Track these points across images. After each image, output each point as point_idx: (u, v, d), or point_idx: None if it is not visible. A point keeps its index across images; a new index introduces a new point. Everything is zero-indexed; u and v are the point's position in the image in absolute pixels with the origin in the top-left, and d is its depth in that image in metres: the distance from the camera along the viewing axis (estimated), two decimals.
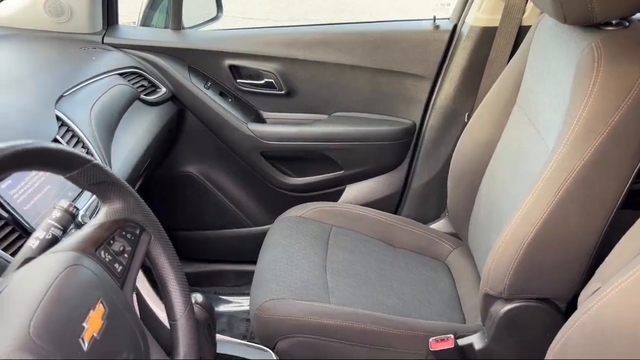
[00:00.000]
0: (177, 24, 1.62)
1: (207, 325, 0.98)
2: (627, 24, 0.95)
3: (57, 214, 0.71)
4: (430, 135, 1.58)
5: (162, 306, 0.79)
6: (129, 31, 1.62)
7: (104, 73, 1.34)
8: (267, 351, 1.10)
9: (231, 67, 1.62)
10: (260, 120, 1.69)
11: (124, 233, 0.68)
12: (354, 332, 1.12)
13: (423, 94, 1.57)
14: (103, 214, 0.68)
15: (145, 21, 1.68)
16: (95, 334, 0.56)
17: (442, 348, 1.10)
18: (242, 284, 1.82)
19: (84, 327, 0.55)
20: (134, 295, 0.72)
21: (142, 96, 1.44)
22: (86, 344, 0.55)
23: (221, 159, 1.70)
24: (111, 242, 0.66)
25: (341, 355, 1.13)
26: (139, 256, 0.69)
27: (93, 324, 0.57)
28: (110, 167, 1.13)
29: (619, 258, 0.81)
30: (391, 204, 1.70)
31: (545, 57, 1.12)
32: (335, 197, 1.71)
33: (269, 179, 1.72)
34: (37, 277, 0.57)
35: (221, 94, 1.64)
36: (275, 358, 1.10)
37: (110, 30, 1.58)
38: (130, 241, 0.68)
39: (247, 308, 1.71)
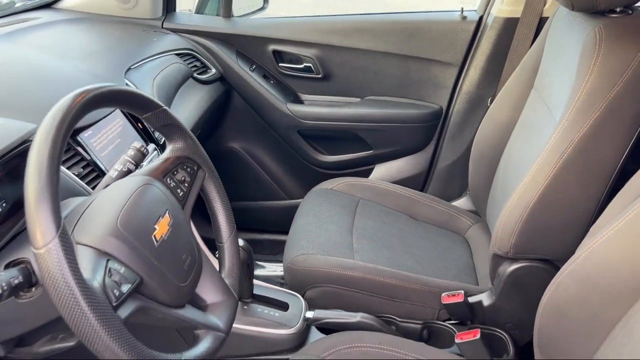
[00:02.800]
0: (227, 13, 1.80)
1: (246, 265, 1.14)
2: (630, 12, 1.05)
3: (131, 152, 0.88)
4: (455, 119, 1.69)
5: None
6: (185, 18, 1.81)
7: (163, 52, 1.52)
8: (297, 296, 1.24)
9: (274, 52, 1.78)
10: (299, 101, 1.84)
11: (185, 167, 0.84)
12: (374, 285, 1.25)
13: (450, 80, 1.68)
14: (169, 151, 0.84)
15: (199, 9, 1.87)
16: (163, 235, 0.72)
17: (453, 302, 1.22)
18: (276, 252, 1.97)
19: (155, 229, 0.72)
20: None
21: (195, 75, 1.61)
22: (156, 242, 0.71)
23: (261, 136, 1.87)
24: (175, 173, 0.83)
25: (362, 304, 1.25)
26: (196, 187, 0.85)
27: (162, 227, 0.73)
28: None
29: (608, 216, 0.92)
30: (417, 182, 1.81)
31: (558, 43, 1.23)
32: (364, 175, 1.84)
33: (304, 156, 1.87)
34: (121, 190, 0.74)
35: (264, 77, 1.81)
36: (304, 303, 1.23)
37: (168, 16, 1.77)
38: (189, 174, 0.84)
39: (280, 273, 1.86)
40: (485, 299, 1.23)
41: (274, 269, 1.93)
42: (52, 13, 1.57)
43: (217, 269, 0.87)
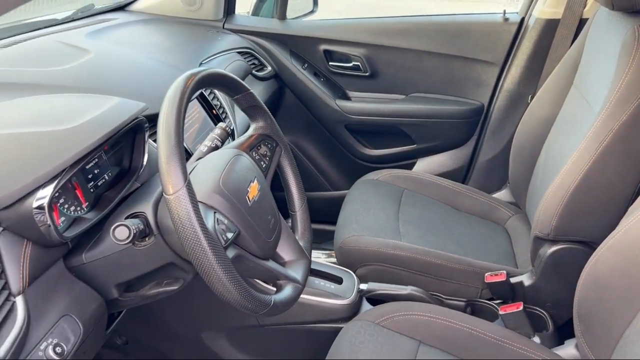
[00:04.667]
0: (282, 15, 1.94)
1: None
2: None
3: (218, 131, 1.01)
4: (496, 115, 1.78)
5: None
6: (243, 19, 1.95)
7: (226, 50, 1.67)
8: (350, 272, 1.34)
9: (325, 51, 1.91)
10: (346, 97, 1.96)
11: (266, 143, 0.97)
12: (420, 264, 1.35)
13: (491, 78, 1.77)
14: (252, 129, 0.97)
15: (256, 12, 2.02)
16: (254, 197, 0.85)
17: (495, 281, 1.31)
18: (321, 241, 2.08)
19: (248, 190, 0.84)
20: None
21: (253, 72, 1.75)
22: (249, 202, 0.83)
23: (311, 130, 1.99)
24: (258, 148, 0.95)
25: (409, 282, 1.35)
26: (275, 161, 0.98)
27: (253, 190, 0.85)
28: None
29: None
30: (458, 176, 1.90)
31: (598, 42, 1.31)
32: (407, 169, 1.93)
33: (350, 150, 1.98)
34: (218, 159, 0.86)
35: (315, 74, 1.94)
36: (356, 278, 1.33)
37: (228, 18, 1.92)
38: (270, 150, 0.97)
39: (325, 262, 1.96)
40: (526, 279, 1.31)
41: (318, 256, 2.04)
42: (126, 15, 1.73)
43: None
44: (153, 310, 1.25)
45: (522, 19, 1.71)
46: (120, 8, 1.80)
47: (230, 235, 0.76)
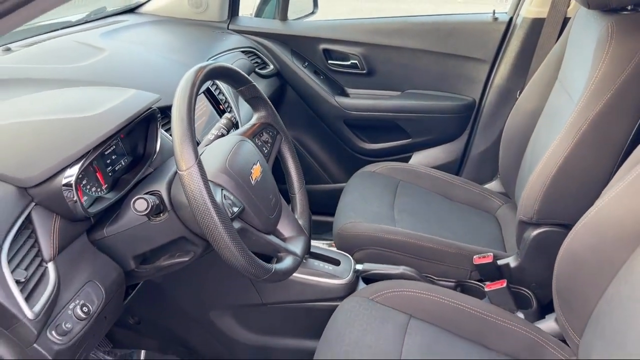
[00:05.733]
0: (283, 16, 2.04)
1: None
2: None
3: (224, 121, 1.11)
4: (487, 110, 1.87)
5: None
6: (247, 21, 2.06)
7: (231, 49, 1.77)
8: (347, 255, 1.43)
9: (324, 50, 2.01)
10: (345, 94, 2.06)
11: (267, 131, 1.06)
12: (413, 247, 1.44)
13: (482, 75, 1.87)
14: (255, 118, 1.07)
15: (259, 13, 2.12)
16: (257, 178, 0.94)
17: (483, 262, 1.40)
18: (321, 232, 2.17)
19: (251, 172, 0.94)
20: None
21: (256, 70, 1.85)
22: (253, 181, 0.93)
23: (311, 125, 2.09)
24: (260, 135, 1.05)
25: (402, 264, 1.43)
26: (276, 147, 1.07)
27: (256, 172, 0.95)
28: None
29: (616, 181, 1.08)
30: (452, 169, 1.99)
31: (579, 39, 1.40)
32: (403, 162, 2.02)
33: (348, 144, 2.08)
34: (225, 144, 0.96)
35: (315, 72, 2.04)
36: (352, 260, 1.42)
37: (233, 19, 2.02)
38: (271, 137, 1.07)
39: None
40: (512, 261, 1.40)
41: (317, 246, 2.13)
42: (136, 16, 1.84)
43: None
44: (164, 291, 1.35)
45: (511, 19, 1.81)
46: (131, 10, 1.90)
47: (235, 209, 0.86)
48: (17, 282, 0.74)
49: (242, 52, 1.83)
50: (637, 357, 0.86)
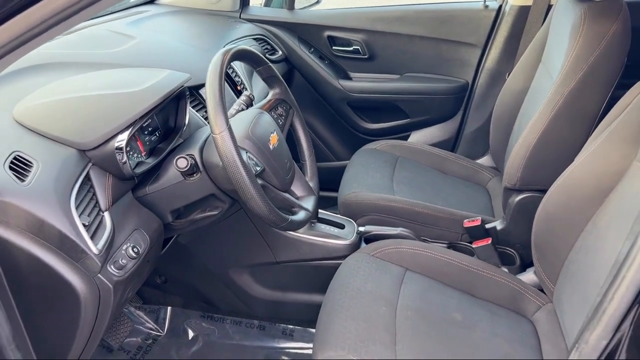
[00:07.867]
0: (291, 6, 2.20)
1: None
2: None
3: (243, 98, 1.27)
4: (479, 91, 2.03)
5: None
6: (257, 10, 2.22)
7: (243, 37, 1.93)
8: (350, 220, 1.59)
9: (329, 37, 2.17)
10: (348, 78, 2.22)
11: (282, 106, 1.23)
12: (410, 213, 1.60)
13: (474, 59, 2.02)
14: (270, 95, 1.23)
15: (268, 3, 2.28)
16: (274, 144, 1.11)
17: (472, 225, 1.56)
18: (325, 206, 2.33)
19: (269, 139, 1.10)
20: None
21: (266, 56, 2.00)
22: (271, 146, 1.10)
23: (316, 107, 2.25)
24: (276, 109, 1.22)
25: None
26: (289, 120, 1.24)
27: (273, 139, 1.11)
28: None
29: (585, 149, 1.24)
30: (447, 146, 2.14)
31: (559, 24, 1.55)
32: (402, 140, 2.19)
33: (351, 124, 2.24)
34: (246, 116, 1.13)
35: (320, 57, 2.19)
36: (356, 224, 1.58)
37: (244, 9, 2.18)
38: (285, 111, 1.23)
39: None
40: (498, 224, 1.56)
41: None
42: (156, 7, 2.00)
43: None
44: (189, 252, 1.52)
45: (500, 6, 1.95)
46: (151, 1, 2.06)
47: (258, 169, 1.03)
48: (83, 225, 0.91)
49: (253, 39, 1.98)
50: (595, 294, 1.03)
